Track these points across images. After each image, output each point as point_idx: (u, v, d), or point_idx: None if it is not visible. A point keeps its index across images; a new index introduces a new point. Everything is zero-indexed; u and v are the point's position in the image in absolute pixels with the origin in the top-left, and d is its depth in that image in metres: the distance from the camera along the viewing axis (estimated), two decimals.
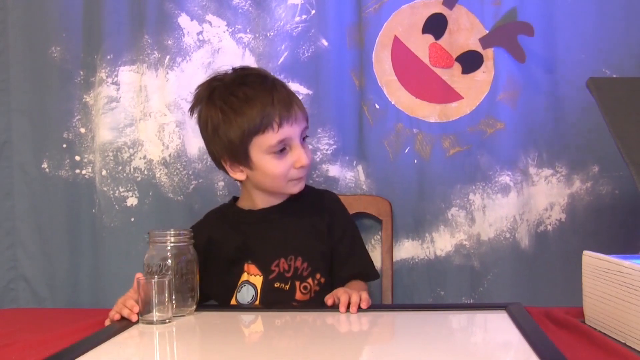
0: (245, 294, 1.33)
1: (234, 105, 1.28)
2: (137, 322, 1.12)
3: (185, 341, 1.06)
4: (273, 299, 1.31)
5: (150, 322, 1.11)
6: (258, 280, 1.33)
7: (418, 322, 1.15)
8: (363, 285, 1.40)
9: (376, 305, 1.31)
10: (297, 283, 1.33)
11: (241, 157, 1.30)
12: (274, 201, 1.37)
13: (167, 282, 1.11)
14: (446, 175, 1.61)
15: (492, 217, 1.60)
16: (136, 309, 1.12)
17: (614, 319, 1.02)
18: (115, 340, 1.03)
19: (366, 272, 1.41)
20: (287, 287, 1.32)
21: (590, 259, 1.13)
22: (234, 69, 1.37)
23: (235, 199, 1.44)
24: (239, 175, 1.34)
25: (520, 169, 1.60)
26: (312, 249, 1.35)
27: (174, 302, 1.14)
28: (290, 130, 1.28)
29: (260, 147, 1.28)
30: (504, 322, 1.08)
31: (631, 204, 1.56)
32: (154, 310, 1.11)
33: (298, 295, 1.32)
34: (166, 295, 1.11)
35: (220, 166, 1.37)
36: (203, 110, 1.33)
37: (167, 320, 1.11)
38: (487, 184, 1.60)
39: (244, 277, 1.34)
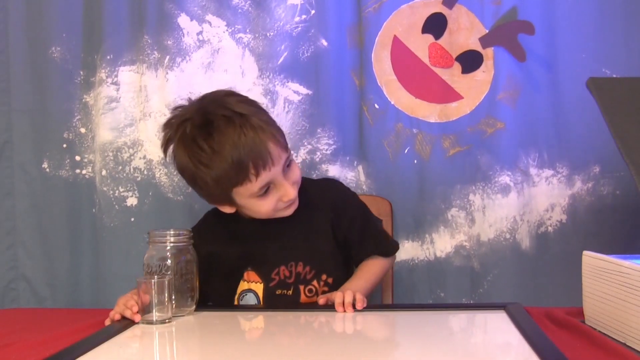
0: (249, 302, 1.33)
1: (204, 159, 1.19)
2: (137, 322, 1.12)
3: (185, 341, 1.06)
4: (277, 304, 1.30)
5: (150, 322, 1.11)
6: (259, 287, 1.32)
7: (418, 322, 1.15)
8: (381, 263, 1.36)
9: (376, 305, 1.31)
10: (302, 287, 1.31)
11: (225, 201, 1.26)
12: None
13: (166, 282, 1.11)
14: (446, 176, 1.62)
15: (492, 218, 1.60)
16: (136, 308, 1.12)
17: (614, 319, 1.02)
18: (115, 340, 1.03)
19: (384, 249, 1.38)
20: (290, 292, 1.31)
21: (590, 259, 1.13)
22: (197, 108, 1.22)
23: None
24: (228, 209, 1.29)
25: (520, 169, 1.60)
26: (314, 251, 1.32)
27: (173, 302, 1.14)
28: (270, 174, 1.19)
29: (242, 195, 1.22)
30: (504, 322, 1.08)
31: (633, 205, 1.56)
32: (154, 310, 1.11)
33: (303, 299, 1.31)
34: (166, 295, 1.11)
35: None
36: (176, 157, 1.24)
37: (166, 320, 1.11)
38: (487, 184, 1.60)
39: (244, 285, 1.33)
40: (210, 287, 1.30)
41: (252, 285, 1.32)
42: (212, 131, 1.18)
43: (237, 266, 1.33)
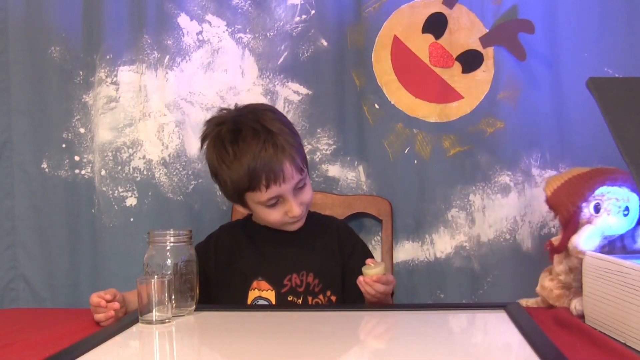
0: None
1: (226, 160, 1.30)
2: (136, 321, 1.12)
3: (184, 341, 1.06)
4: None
5: (150, 322, 1.11)
6: (271, 294, 1.34)
7: (418, 322, 1.15)
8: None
9: (376, 305, 1.31)
10: (310, 298, 1.34)
11: (239, 202, 1.36)
12: None
13: (166, 282, 1.11)
14: (446, 176, 1.61)
15: (492, 218, 1.60)
16: (104, 303, 1.17)
17: (614, 319, 1.02)
18: (115, 340, 1.03)
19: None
20: (300, 301, 1.34)
21: (591, 259, 1.13)
22: (235, 114, 1.34)
23: (251, 215, 1.44)
24: (243, 210, 1.39)
25: (521, 169, 1.59)
26: (323, 266, 1.37)
27: (173, 302, 1.14)
28: (279, 189, 1.29)
29: (253, 199, 1.32)
30: (504, 322, 1.08)
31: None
32: (154, 310, 1.11)
33: None
34: (166, 295, 1.11)
35: None
36: (206, 152, 1.36)
37: (166, 320, 1.11)
38: (487, 184, 1.60)
39: (256, 293, 1.35)
40: (224, 297, 1.36)
41: (263, 294, 1.35)
42: (239, 138, 1.30)
43: (249, 273, 1.36)
